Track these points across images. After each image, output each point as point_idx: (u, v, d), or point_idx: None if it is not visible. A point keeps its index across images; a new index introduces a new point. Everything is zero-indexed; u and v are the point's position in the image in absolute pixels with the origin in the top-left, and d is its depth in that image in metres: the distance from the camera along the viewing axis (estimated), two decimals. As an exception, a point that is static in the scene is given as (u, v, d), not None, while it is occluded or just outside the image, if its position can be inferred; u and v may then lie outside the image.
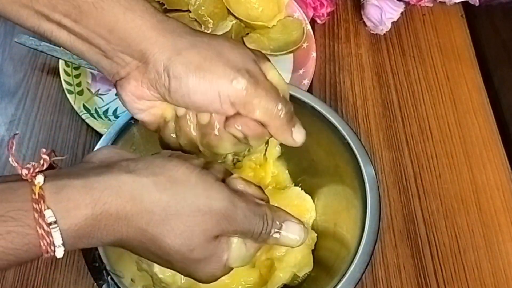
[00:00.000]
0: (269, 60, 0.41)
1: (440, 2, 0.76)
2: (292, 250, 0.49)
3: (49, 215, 0.30)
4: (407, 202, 0.61)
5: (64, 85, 0.64)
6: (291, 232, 0.38)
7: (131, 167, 0.34)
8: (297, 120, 0.40)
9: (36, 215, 0.30)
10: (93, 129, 0.62)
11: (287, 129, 0.39)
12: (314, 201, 0.54)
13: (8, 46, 0.70)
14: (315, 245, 0.52)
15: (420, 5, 0.75)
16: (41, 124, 0.64)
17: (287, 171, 0.56)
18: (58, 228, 0.31)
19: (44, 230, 0.30)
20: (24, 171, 0.32)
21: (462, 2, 0.75)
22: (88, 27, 0.37)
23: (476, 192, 0.61)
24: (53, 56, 0.66)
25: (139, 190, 0.33)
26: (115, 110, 0.64)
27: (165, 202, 0.33)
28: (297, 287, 0.51)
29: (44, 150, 0.34)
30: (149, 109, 0.40)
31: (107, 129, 0.49)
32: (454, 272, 0.56)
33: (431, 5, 0.76)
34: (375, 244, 0.43)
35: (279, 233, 0.37)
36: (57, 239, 0.31)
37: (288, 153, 0.55)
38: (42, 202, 0.30)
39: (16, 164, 0.32)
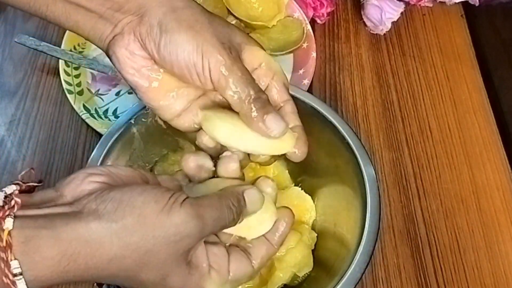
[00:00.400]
0: (261, 47, 0.41)
1: (440, 2, 0.76)
2: (292, 250, 0.49)
3: (14, 266, 0.30)
4: (407, 202, 0.61)
5: (64, 85, 0.64)
6: (254, 197, 0.38)
7: (100, 210, 0.33)
8: (273, 110, 0.39)
9: (2, 264, 0.29)
10: (93, 129, 0.62)
11: (257, 116, 0.38)
12: (314, 201, 0.54)
13: (8, 46, 0.70)
14: (315, 245, 0.52)
15: (420, 5, 0.75)
16: (41, 124, 0.64)
17: (287, 171, 0.56)
18: (23, 279, 0.30)
19: (9, 279, 0.30)
20: None
21: (462, 2, 0.75)
22: None
23: (476, 192, 0.61)
24: (53, 56, 0.66)
25: (108, 237, 0.32)
26: (115, 110, 0.64)
27: (135, 244, 0.32)
28: (297, 287, 0.51)
29: (14, 187, 0.33)
30: (142, 69, 0.40)
31: (107, 129, 0.49)
32: (454, 272, 0.56)
33: (431, 5, 0.76)
34: (375, 244, 0.43)
35: (245, 207, 0.37)
36: None
37: (288, 153, 0.55)
38: (9, 251, 0.30)
39: None
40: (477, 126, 0.66)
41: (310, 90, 0.67)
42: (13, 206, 0.32)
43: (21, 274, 0.30)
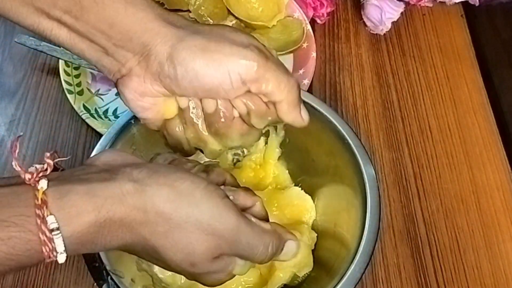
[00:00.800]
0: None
1: (440, 2, 0.76)
2: None
3: (51, 221, 0.30)
4: (407, 202, 0.61)
5: (64, 85, 0.64)
6: (289, 251, 0.38)
7: (134, 175, 0.33)
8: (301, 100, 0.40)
9: (38, 221, 0.30)
10: (93, 129, 0.62)
11: (297, 105, 0.39)
12: (314, 201, 0.54)
13: (8, 46, 0.70)
14: (315, 245, 0.52)
15: (420, 5, 0.75)
16: (41, 124, 0.64)
17: (287, 171, 0.56)
18: (60, 234, 0.30)
19: (46, 236, 0.30)
20: (27, 176, 0.31)
21: (462, 2, 0.75)
22: (88, 23, 0.37)
23: (476, 192, 0.61)
24: (53, 56, 0.66)
25: (142, 200, 0.32)
26: (115, 110, 0.64)
27: (168, 214, 0.33)
28: (297, 287, 0.51)
29: (48, 154, 0.33)
30: (152, 106, 0.40)
31: (107, 129, 0.49)
32: (454, 272, 0.56)
33: (431, 5, 0.76)
34: (375, 244, 0.43)
35: (279, 254, 0.38)
36: (59, 246, 0.31)
37: (288, 153, 0.55)
38: (44, 207, 0.30)
39: (19, 168, 0.32)
40: (477, 126, 0.66)
41: (310, 90, 0.67)
42: (46, 168, 0.32)
43: (58, 229, 0.30)
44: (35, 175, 0.31)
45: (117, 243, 0.33)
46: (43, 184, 0.31)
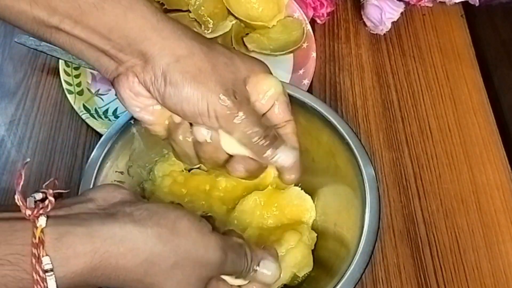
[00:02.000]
0: (266, 71, 0.42)
1: (440, 2, 0.76)
2: (292, 250, 0.49)
3: (46, 262, 0.30)
4: (407, 202, 0.61)
5: (64, 85, 0.64)
6: (266, 269, 0.39)
7: (135, 215, 0.34)
8: (282, 142, 0.41)
9: (33, 260, 0.30)
10: (93, 129, 0.62)
11: (265, 153, 0.40)
12: (314, 201, 0.54)
13: (8, 46, 0.70)
14: (315, 245, 0.52)
15: (420, 5, 0.75)
16: (41, 124, 0.64)
17: None
18: (53, 275, 0.30)
19: (39, 276, 0.30)
20: (28, 212, 0.31)
21: (462, 2, 0.75)
22: (88, 28, 0.37)
23: (476, 192, 0.61)
24: (53, 56, 0.66)
25: (142, 241, 0.33)
26: (115, 110, 0.64)
27: (167, 253, 0.34)
28: (297, 287, 0.51)
29: (49, 190, 0.33)
30: (147, 107, 0.40)
31: (107, 129, 0.49)
32: (454, 272, 0.56)
33: (431, 5, 0.76)
34: (375, 244, 0.43)
35: (256, 270, 0.39)
36: (51, 286, 0.31)
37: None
38: (41, 247, 0.30)
39: (21, 203, 0.32)
40: (477, 126, 0.66)
41: (310, 90, 0.67)
42: (47, 205, 0.32)
43: (51, 270, 0.30)
44: (35, 211, 0.31)
45: (109, 284, 0.33)
46: (42, 222, 0.31)
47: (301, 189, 0.54)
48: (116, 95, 0.41)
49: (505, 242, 0.58)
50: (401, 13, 0.72)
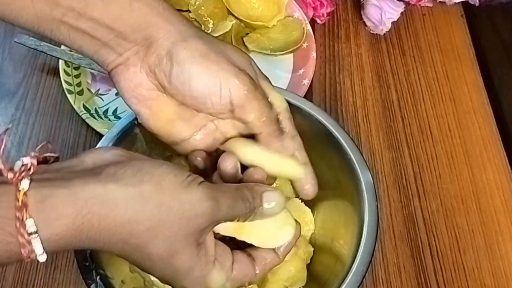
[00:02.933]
0: (268, 80, 0.42)
1: (440, 2, 0.76)
2: (286, 263, 0.48)
3: (30, 225, 0.30)
4: (407, 202, 0.61)
5: (64, 85, 0.64)
6: (271, 201, 0.37)
7: (118, 174, 0.33)
8: (290, 129, 0.41)
9: (17, 223, 0.30)
10: (93, 129, 0.62)
11: (278, 136, 0.40)
12: (313, 214, 0.53)
13: (8, 46, 0.70)
14: (310, 259, 0.51)
15: (420, 5, 0.75)
16: (41, 124, 0.64)
17: (289, 182, 0.55)
18: (38, 237, 0.30)
19: (25, 239, 0.30)
20: (10, 175, 0.31)
21: (462, 2, 0.75)
22: (92, 19, 0.37)
23: (476, 192, 0.61)
24: (53, 56, 0.66)
25: (124, 200, 0.32)
26: (115, 110, 0.64)
27: (150, 211, 0.33)
28: None
29: (33, 153, 0.33)
30: (146, 100, 0.39)
31: (107, 129, 0.49)
32: (454, 272, 0.56)
33: (431, 5, 0.76)
34: (369, 265, 0.42)
35: (262, 207, 0.37)
36: (38, 248, 0.30)
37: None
38: (24, 210, 0.30)
39: (2, 166, 0.31)
40: (477, 126, 0.66)
41: (310, 90, 0.67)
42: (29, 168, 0.32)
43: (36, 232, 0.30)
44: (17, 174, 0.31)
45: (95, 245, 0.33)
46: (24, 185, 0.31)
47: (302, 201, 0.54)
48: (118, 95, 0.41)
49: (505, 242, 0.58)
50: (401, 13, 0.72)
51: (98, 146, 0.48)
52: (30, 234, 0.30)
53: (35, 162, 0.32)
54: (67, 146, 0.63)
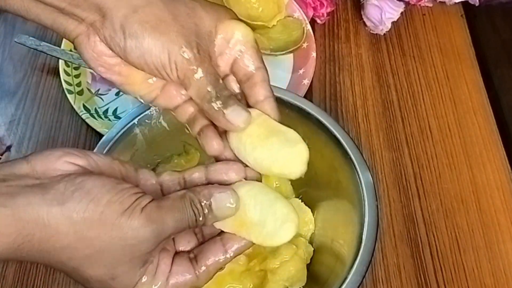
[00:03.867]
0: (233, 17, 0.40)
1: (440, 2, 0.76)
2: (286, 263, 0.48)
3: None
4: (407, 202, 0.61)
5: (64, 85, 0.64)
6: (222, 203, 0.36)
7: (66, 195, 0.32)
8: (236, 102, 0.38)
9: None
10: (93, 129, 0.62)
11: (216, 112, 0.37)
12: (313, 214, 0.53)
13: (8, 46, 0.70)
14: (310, 259, 0.51)
15: (420, 5, 0.75)
16: (41, 124, 0.64)
17: (289, 182, 0.55)
18: None
19: None
20: None
21: (462, 2, 0.75)
22: None
23: (476, 192, 0.61)
24: (53, 56, 0.66)
25: (66, 226, 0.32)
26: (115, 110, 0.64)
27: (90, 240, 0.32)
28: None
29: None
30: (112, 67, 0.39)
31: (107, 129, 0.49)
32: (454, 272, 0.56)
33: (431, 5, 0.76)
34: (369, 265, 0.42)
35: (212, 211, 0.36)
36: None
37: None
38: None
39: None
40: (477, 126, 0.66)
41: (310, 90, 0.67)
42: None
43: None
44: None
45: (37, 261, 0.33)
46: None
47: (302, 201, 0.54)
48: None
49: (505, 242, 0.58)
50: (401, 13, 0.72)
51: (98, 145, 0.48)
52: None
53: None
54: (67, 146, 0.63)
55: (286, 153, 0.38)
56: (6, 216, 0.31)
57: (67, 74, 0.65)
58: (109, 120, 0.63)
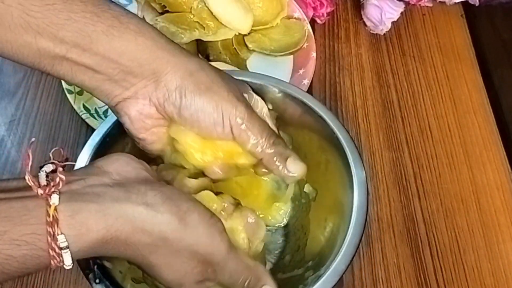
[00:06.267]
0: (247, 88, 0.44)
1: (440, 2, 0.76)
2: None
3: (62, 240, 0.31)
4: (407, 202, 0.61)
5: (64, 85, 0.64)
6: None
7: (149, 197, 0.34)
8: (292, 152, 0.42)
9: (49, 238, 0.31)
10: (93, 129, 0.62)
11: (279, 161, 0.41)
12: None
13: (8, 46, 0.70)
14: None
15: (420, 5, 0.75)
16: (41, 124, 0.64)
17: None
18: (69, 251, 0.32)
19: (56, 252, 0.31)
20: (40, 191, 0.32)
21: (462, 2, 0.75)
22: (97, 54, 0.37)
23: (476, 192, 0.61)
24: (53, 56, 0.66)
25: (152, 225, 0.34)
26: (115, 110, 0.64)
27: (171, 241, 0.35)
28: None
29: (60, 168, 0.34)
30: (153, 128, 0.41)
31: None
32: (454, 272, 0.56)
33: (431, 5, 0.76)
34: (358, 247, 0.42)
35: None
36: (67, 260, 0.32)
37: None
38: (56, 226, 0.31)
39: (32, 183, 0.32)
40: (477, 126, 0.66)
41: (310, 90, 0.67)
42: (58, 182, 0.33)
43: (67, 247, 0.32)
44: (47, 190, 0.32)
45: (117, 255, 0.35)
46: (55, 199, 0.32)
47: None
48: (118, 117, 0.41)
49: (505, 242, 0.58)
50: (401, 13, 0.72)
51: (97, 130, 0.47)
52: (61, 248, 0.31)
53: (63, 176, 0.33)
54: (67, 146, 0.63)
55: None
56: (95, 212, 0.32)
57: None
58: (109, 120, 0.63)
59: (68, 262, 0.32)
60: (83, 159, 0.45)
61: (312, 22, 0.73)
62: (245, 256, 0.39)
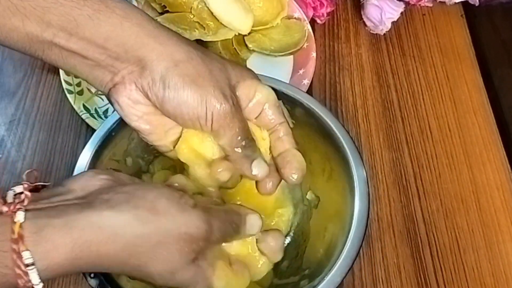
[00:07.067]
0: (254, 77, 0.42)
1: (440, 2, 0.76)
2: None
3: (27, 257, 0.31)
4: (407, 202, 0.61)
5: (64, 85, 0.64)
6: (253, 224, 0.40)
7: (112, 200, 0.34)
8: (259, 156, 0.42)
9: (14, 256, 0.30)
10: (93, 129, 0.62)
11: (245, 161, 0.41)
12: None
13: (8, 46, 0.70)
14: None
15: (420, 5, 0.75)
16: (41, 124, 0.64)
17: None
18: (35, 269, 0.31)
19: (21, 270, 0.31)
20: (5, 208, 0.32)
21: (462, 2, 0.75)
22: (83, 39, 0.37)
23: (476, 192, 0.61)
24: (53, 56, 0.66)
25: (121, 226, 0.33)
26: (115, 110, 0.64)
27: (147, 234, 0.34)
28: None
29: (25, 185, 0.33)
30: (145, 115, 0.40)
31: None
32: (454, 272, 0.56)
33: (431, 5, 0.76)
34: (356, 258, 0.43)
35: (245, 228, 0.40)
36: (34, 279, 0.31)
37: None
38: (21, 242, 0.30)
39: None
40: (477, 126, 0.66)
41: (310, 90, 0.67)
42: (23, 200, 0.32)
43: (33, 264, 0.31)
44: (12, 207, 0.32)
45: (95, 269, 0.34)
46: (20, 217, 0.31)
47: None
48: (112, 105, 0.41)
49: (505, 242, 0.58)
50: (401, 13, 0.72)
51: (97, 131, 0.47)
52: (27, 265, 0.31)
53: (28, 193, 0.33)
54: (67, 146, 0.63)
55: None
56: (61, 226, 0.32)
57: (67, 74, 0.65)
58: (109, 120, 0.63)
59: (35, 281, 0.31)
60: (85, 157, 0.46)
61: (312, 22, 0.73)
62: (220, 206, 0.40)
